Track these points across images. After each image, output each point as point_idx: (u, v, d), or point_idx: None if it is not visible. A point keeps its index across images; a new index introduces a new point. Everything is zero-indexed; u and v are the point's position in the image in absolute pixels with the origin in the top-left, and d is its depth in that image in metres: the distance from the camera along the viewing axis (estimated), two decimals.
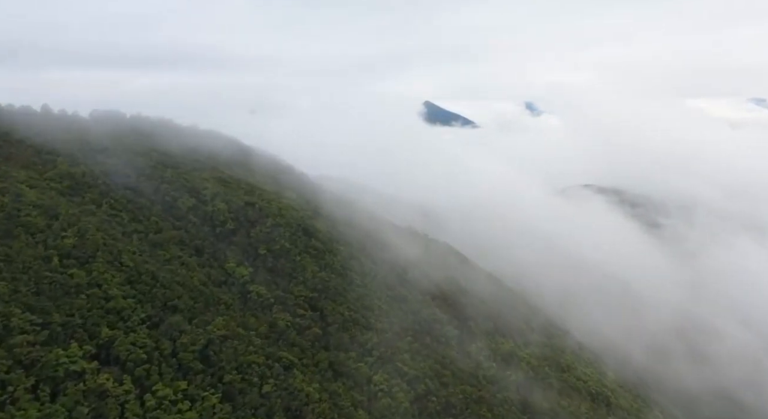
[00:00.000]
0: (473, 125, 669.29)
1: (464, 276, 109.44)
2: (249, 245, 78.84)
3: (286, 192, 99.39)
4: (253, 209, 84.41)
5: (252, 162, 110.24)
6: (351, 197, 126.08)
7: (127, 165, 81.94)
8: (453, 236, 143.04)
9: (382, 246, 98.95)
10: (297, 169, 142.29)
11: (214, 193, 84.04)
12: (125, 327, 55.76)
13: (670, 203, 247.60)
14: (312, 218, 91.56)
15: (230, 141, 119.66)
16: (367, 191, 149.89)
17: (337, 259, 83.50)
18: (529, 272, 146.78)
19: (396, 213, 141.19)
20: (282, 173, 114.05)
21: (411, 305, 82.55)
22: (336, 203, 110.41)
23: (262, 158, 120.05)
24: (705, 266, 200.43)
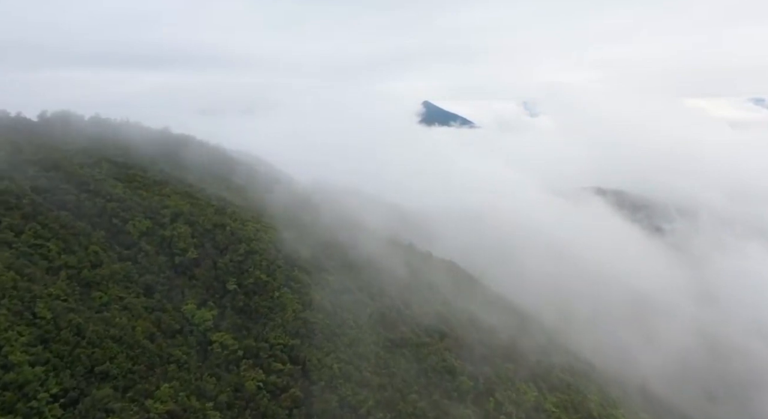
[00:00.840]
0: (472, 125, 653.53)
1: (473, 301, 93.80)
2: (215, 279, 62.84)
3: (269, 208, 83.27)
4: (223, 233, 68.43)
5: (231, 171, 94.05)
6: (344, 210, 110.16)
7: (67, 179, 65.88)
8: (452, 245, 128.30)
9: (379, 272, 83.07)
10: (286, 176, 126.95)
11: (175, 212, 68.03)
12: (27, 410, 39.97)
13: (672, 206, 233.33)
14: (296, 241, 75.52)
15: (207, 148, 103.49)
16: (362, 199, 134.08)
17: (326, 293, 67.53)
18: (533, 283, 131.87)
19: (394, 224, 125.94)
20: (267, 184, 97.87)
21: (415, 350, 66.61)
22: (327, 218, 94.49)
23: (244, 166, 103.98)
24: (715, 274, 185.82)
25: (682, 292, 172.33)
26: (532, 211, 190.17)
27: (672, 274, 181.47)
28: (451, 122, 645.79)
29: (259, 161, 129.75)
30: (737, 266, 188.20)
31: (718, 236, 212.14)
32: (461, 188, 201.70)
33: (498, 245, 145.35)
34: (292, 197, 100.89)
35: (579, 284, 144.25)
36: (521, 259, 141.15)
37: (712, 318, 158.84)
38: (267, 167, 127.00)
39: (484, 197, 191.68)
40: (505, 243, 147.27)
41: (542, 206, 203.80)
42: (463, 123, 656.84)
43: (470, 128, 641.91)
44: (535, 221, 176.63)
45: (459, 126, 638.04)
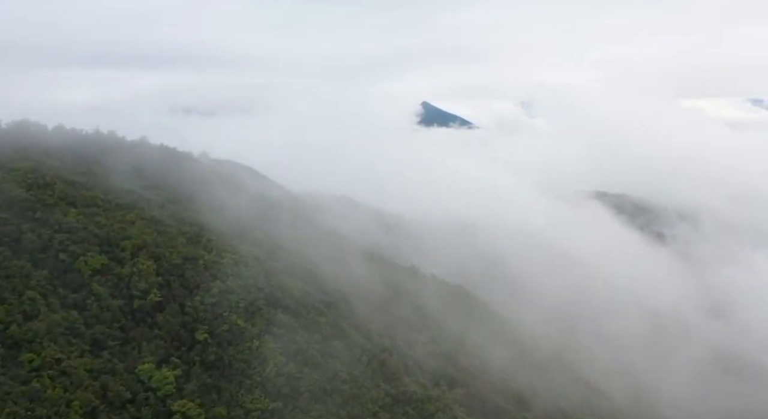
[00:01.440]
0: (471, 126, 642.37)
1: (480, 333, 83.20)
2: (182, 327, 51.95)
3: (252, 232, 72.25)
4: (194, 268, 57.51)
5: (214, 187, 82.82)
6: (340, 227, 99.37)
7: (7, 205, 54.97)
8: (447, 256, 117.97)
9: (377, 304, 72.42)
10: (278, 188, 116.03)
11: (138, 244, 57.06)
12: None
13: (673, 210, 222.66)
14: (283, 273, 64.64)
15: (188, 160, 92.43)
16: (358, 212, 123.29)
17: (315, 338, 56.66)
18: (534, 296, 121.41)
19: (392, 240, 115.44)
20: (254, 200, 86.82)
21: (421, 407, 55.82)
22: (320, 240, 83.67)
23: (230, 179, 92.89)
24: (722, 285, 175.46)
25: (691, 305, 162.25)
26: (531, 217, 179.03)
27: (679, 286, 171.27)
28: (450, 123, 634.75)
29: (249, 172, 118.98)
30: (745, 278, 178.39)
31: (722, 242, 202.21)
32: (457, 195, 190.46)
33: (496, 255, 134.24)
34: (283, 215, 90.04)
35: (582, 298, 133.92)
36: (520, 270, 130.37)
37: (726, 335, 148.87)
38: (256, 178, 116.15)
39: (481, 204, 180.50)
40: (503, 253, 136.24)
41: (541, 213, 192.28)
42: (462, 124, 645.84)
43: (469, 128, 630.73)
44: (534, 228, 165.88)
45: (458, 127, 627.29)
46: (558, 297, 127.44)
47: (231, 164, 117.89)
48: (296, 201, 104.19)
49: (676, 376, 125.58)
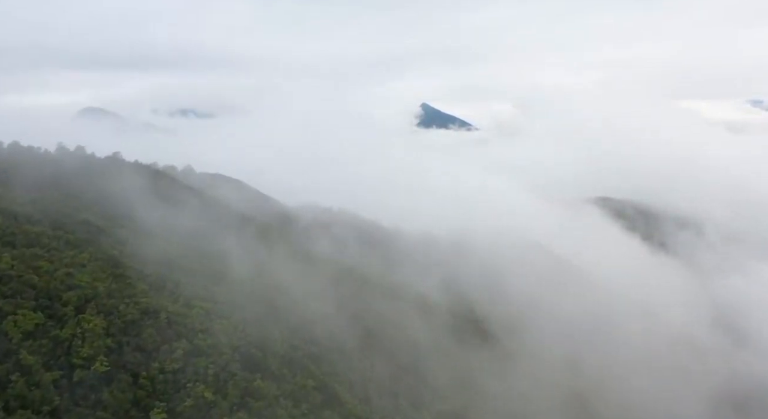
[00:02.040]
0: (470, 128, 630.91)
1: (498, 376, 72.68)
2: (133, 406, 41.19)
3: (232, 270, 61.38)
4: (155, 324, 46.78)
5: (190, 214, 71.76)
6: (333, 252, 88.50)
7: None
8: (442, 271, 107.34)
9: (378, 353, 61.66)
10: (268, 206, 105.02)
11: (86, 295, 46.33)
12: None
13: (674, 217, 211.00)
14: (265, 321, 53.90)
15: (161, 178, 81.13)
16: (355, 229, 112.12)
17: (302, 411, 45.98)
18: (535, 314, 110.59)
19: (390, 257, 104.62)
20: (237, 228, 75.79)
21: None
22: (311, 268, 72.84)
23: (211, 202, 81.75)
24: (729, 298, 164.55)
25: (701, 320, 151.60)
26: (532, 227, 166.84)
27: (687, 298, 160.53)
28: (450, 125, 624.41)
29: (237, 187, 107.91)
30: (754, 290, 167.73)
31: (726, 251, 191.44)
32: (455, 204, 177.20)
33: (498, 269, 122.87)
34: (270, 239, 79.18)
35: (590, 316, 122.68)
36: (523, 285, 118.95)
37: (741, 355, 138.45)
38: (245, 193, 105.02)
39: (481, 215, 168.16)
40: (505, 267, 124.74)
41: (542, 222, 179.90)
42: (461, 125, 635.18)
43: (468, 130, 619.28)
44: (535, 238, 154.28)
45: (458, 128, 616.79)
46: (564, 314, 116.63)
47: (219, 178, 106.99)
48: (287, 221, 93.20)
49: (697, 402, 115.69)
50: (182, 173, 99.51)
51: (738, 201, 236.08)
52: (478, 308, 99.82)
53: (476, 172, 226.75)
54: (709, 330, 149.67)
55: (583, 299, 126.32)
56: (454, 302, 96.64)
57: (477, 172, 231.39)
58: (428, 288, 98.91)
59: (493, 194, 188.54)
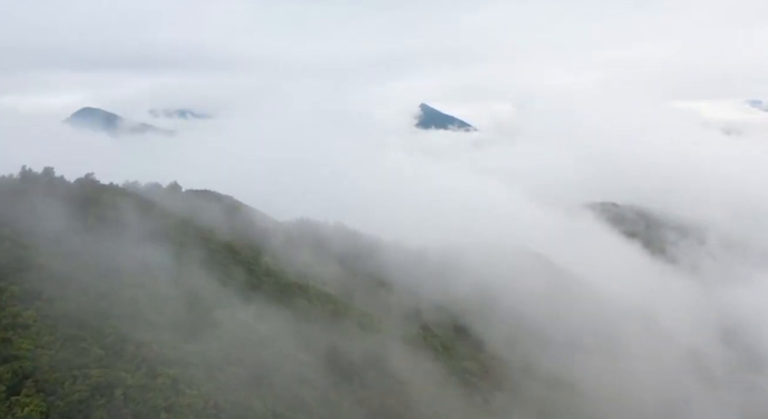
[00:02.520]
0: (469, 129, 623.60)
1: None
2: None
3: (208, 320, 53.08)
4: (108, 403, 38.68)
5: (165, 249, 63.30)
6: (333, 277, 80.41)
7: None
8: (432, 285, 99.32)
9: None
10: (259, 223, 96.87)
11: (23, 370, 38.15)
12: None
13: (676, 224, 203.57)
14: (242, 390, 45.72)
15: (140, 201, 72.81)
16: (352, 248, 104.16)
17: None
18: (534, 335, 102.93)
19: (390, 277, 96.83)
20: (221, 260, 67.54)
21: None
22: (304, 314, 64.65)
23: (194, 232, 73.30)
24: (736, 312, 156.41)
25: (709, 335, 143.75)
26: (528, 234, 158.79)
27: (692, 312, 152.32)
28: (449, 125, 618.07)
29: (228, 205, 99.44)
30: (759, 301, 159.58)
31: (730, 260, 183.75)
32: (452, 211, 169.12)
33: (487, 283, 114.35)
34: (258, 273, 70.97)
35: (589, 334, 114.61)
36: (523, 298, 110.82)
37: (753, 376, 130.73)
38: (234, 212, 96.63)
39: (473, 223, 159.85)
40: (495, 281, 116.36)
41: (539, 228, 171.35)
42: (460, 126, 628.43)
43: (466, 131, 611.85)
44: (531, 244, 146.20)
45: (456, 129, 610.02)
46: (565, 330, 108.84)
47: (207, 196, 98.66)
48: (279, 246, 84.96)
49: None
50: (167, 192, 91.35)
51: (740, 206, 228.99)
52: (474, 328, 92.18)
53: (473, 177, 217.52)
54: (718, 345, 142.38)
55: (585, 314, 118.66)
56: (445, 321, 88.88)
57: (473, 177, 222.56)
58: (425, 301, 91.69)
59: (490, 200, 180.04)
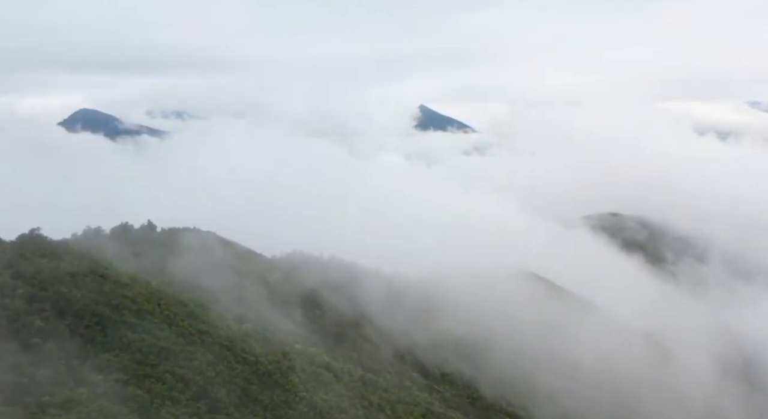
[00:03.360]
0: (468, 130, 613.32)
1: None
2: None
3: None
4: None
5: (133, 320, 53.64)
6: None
7: None
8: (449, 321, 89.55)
9: None
10: (246, 264, 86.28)
11: None
12: None
13: (676, 237, 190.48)
14: None
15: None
16: (357, 288, 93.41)
17: None
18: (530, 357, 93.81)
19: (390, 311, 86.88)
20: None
21: None
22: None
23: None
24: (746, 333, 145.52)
25: (716, 360, 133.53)
26: (522, 251, 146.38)
27: (698, 335, 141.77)
28: (448, 127, 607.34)
29: (213, 245, 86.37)
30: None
31: (733, 279, 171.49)
32: (434, 231, 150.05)
33: (478, 317, 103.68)
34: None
35: (593, 363, 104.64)
36: (511, 327, 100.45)
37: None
38: (212, 254, 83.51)
39: (463, 239, 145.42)
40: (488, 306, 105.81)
41: (533, 245, 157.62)
42: (459, 127, 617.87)
43: (465, 132, 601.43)
44: (525, 262, 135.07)
45: (455, 130, 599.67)
46: (569, 361, 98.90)
47: (186, 235, 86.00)
48: (269, 297, 74.59)
49: None
50: (139, 233, 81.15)
51: (742, 217, 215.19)
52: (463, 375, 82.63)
53: (467, 189, 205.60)
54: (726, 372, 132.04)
55: (588, 341, 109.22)
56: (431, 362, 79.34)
57: (468, 189, 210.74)
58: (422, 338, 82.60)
59: (485, 215, 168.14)
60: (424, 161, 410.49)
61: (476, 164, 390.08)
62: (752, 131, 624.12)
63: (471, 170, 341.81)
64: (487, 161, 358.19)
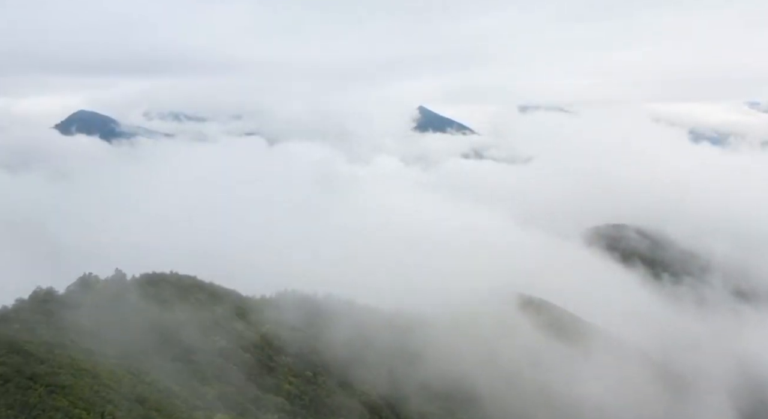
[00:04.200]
0: (467, 132, 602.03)
1: None
2: None
3: None
4: None
5: None
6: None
7: None
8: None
9: None
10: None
11: None
12: None
13: (680, 253, 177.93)
14: None
15: None
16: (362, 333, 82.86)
17: None
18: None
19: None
20: None
21: None
22: None
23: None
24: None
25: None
26: (519, 269, 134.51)
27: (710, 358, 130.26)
28: (447, 128, 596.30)
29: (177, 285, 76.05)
30: None
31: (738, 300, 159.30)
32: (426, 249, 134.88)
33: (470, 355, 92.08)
34: None
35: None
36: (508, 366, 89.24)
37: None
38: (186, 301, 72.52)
39: (459, 264, 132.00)
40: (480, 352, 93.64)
41: (532, 263, 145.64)
42: (458, 129, 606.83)
43: (464, 134, 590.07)
44: (523, 284, 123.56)
45: (454, 132, 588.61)
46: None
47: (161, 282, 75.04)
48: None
49: None
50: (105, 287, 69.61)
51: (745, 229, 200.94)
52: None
53: (462, 196, 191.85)
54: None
55: (591, 376, 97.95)
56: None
57: (462, 196, 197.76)
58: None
59: (480, 230, 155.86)
60: (421, 163, 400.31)
61: (474, 168, 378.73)
62: (752, 132, 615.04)
63: (468, 175, 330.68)
64: (485, 167, 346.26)
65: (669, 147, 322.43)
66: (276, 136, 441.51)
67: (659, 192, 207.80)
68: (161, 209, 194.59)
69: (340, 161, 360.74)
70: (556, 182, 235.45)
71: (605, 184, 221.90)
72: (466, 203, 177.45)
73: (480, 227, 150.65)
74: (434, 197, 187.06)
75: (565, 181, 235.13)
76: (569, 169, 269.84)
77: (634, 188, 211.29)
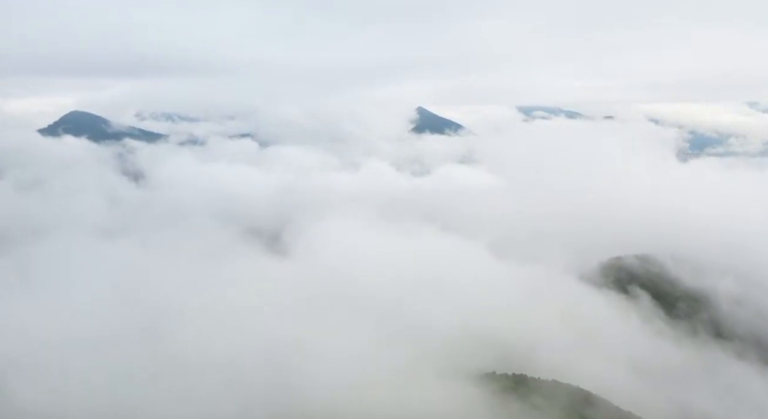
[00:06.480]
0: (466, 133, 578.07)
1: None
2: None
3: None
4: None
5: None
6: None
7: None
8: None
9: None
10: None
11: None
12: None
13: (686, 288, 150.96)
14: None
15: None
16: None
17: None
18: None
19: None
20: None
21: None
22: None
23: None
24: None
25: None
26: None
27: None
28: (445, 130, 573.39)
29: None
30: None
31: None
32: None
33: None
34: None
35: None
36: None
37: None
38: None
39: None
40: None
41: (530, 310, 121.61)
42: (457, 130, 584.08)
43: (463, 136, 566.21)
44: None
45: (452, 134, 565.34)
46: None
47: None
48: None
49: None
50: None
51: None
52: None
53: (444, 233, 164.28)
54: None
55: None
56: None
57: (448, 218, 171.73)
58: None
59: (456, 260, 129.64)
60: (415, 166, 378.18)
61: (470, 172, 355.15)
62: (752, 132, 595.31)
63: (463, 182, 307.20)
64: (481, 174, 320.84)
65: (667, 160, 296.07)
66: (269, 139, 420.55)
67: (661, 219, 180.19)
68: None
69: (330, 166, 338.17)
70: (551, 205, 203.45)
71: (602, 208, 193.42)
72: (447, 231, 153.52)
73: (457, 258, 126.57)
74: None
75: (555, 202, 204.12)
76: (566, 184, 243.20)
77: (633, 215, 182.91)
